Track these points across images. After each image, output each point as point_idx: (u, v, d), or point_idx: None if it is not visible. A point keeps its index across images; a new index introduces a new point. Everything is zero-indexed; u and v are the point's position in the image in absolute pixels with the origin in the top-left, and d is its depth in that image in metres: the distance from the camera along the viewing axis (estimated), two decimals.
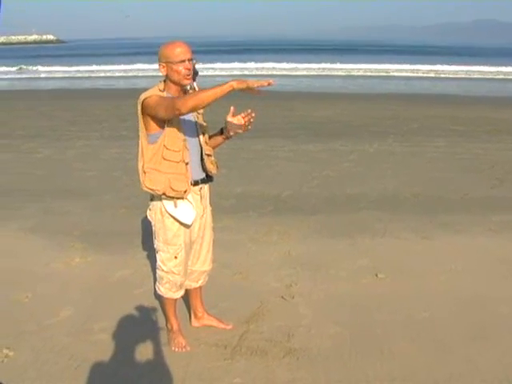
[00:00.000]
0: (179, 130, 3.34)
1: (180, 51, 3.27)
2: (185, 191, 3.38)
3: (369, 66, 40.12)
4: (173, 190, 3.34)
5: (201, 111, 3.51)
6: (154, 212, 3.50)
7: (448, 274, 4.89)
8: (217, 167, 3.65)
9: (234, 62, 42.48)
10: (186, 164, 3.38)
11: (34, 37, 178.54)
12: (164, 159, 3.33)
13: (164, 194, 3.36)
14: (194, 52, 3.39)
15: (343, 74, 37.01)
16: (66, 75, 35.58)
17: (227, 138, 3.69)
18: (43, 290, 4.62)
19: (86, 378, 3.39)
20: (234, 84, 2.97)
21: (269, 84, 2.99)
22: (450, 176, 8.66)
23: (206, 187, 3.62)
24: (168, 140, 3.31)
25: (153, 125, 3.31)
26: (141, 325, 4.06)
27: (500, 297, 4.44)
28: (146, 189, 3.42)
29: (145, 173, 3.39)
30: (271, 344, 3.75)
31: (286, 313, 4.19)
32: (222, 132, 3.68)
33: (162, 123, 3.30)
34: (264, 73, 34.82)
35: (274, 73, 36.32)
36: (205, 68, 34.29)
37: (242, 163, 9.65)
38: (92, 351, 3.67)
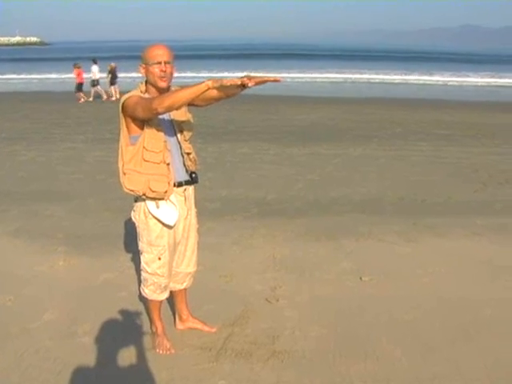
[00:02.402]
0: (158, 130, 3.33)
1: (157, 53, 3.29)
2: (165, 192, 3.37)
3: (353, 75, 39.77)
4: (152, 190, 3.33)
5: (183, 109, 3.49)
6: (138, 213, 3.49)
7: (431, 277, 4.92)
8: (195, 164, 3.63)
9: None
10: (167, 165, 3.37)
11: (18, 39, 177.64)
12: (144, 160, 3.32)
13: (144, 194, 3.36)
14: (177, 56, 3.39)
15: (328, 79, 37.20)
16: (49, 77, 35.43)
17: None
18: (26, 293, 4.58)
19: (69, 382, 3.36)
20: (210, 83, 2.99)
21: (242, 83, 3.02)
22: (433, 180, 8.73)
23: (190, 189, 3.61)
24: (148, 141, 3.30)
25: (133, 127, 3.31)
26: (125, 328, 4.03)
27: (483, 299, 4.48)
28: (126, 190, 3.41)
29: (124, 174, 3.39)
30: (256, 346, 3.75)
31: (271, 315, 4.19)
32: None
33: (142, 124, 3.30)
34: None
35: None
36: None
37: (227, 166, 9.66)
38: (76, 355, 3.64)
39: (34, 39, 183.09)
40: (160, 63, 3.27)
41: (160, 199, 3.38)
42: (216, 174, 8.90)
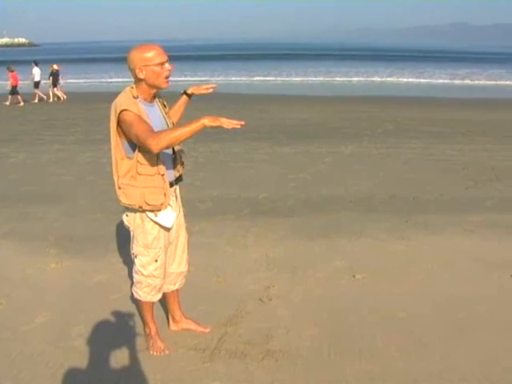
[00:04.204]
0: None
1: (158, 53, 3.20)
2: (161, 204, 3.33)
3: (344, 77, 39.45)
4: (148, 204, 3.29)
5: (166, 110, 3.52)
6: (133, 217, 3.43)
7: (424, 274, 4.93)
8: (183, 168, 3.61)
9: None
10: (162, 175, 3.32)
11: (6, 40, 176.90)
12: (139, 174, 3.26)
13: (140, 207, 3.31)
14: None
15: (319, 79, 37.20)
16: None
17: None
18: (18, 296, 4.54)
19: None
20: (206, 122, 2.96)
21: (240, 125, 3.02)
22: (425, 177, 8.75)
23: (177, 187, 3.61)
24: (141, 155, 3.22)
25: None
26: (118, 330, 4.01)
27: (476, 295, 4.50)
28: (122, 204, 3.37)
29: (120, 188, 3.33)
30: (250, 346, 3.74)
31: (265, 315, 4.19)
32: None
33: None
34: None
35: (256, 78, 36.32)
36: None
37: (218, 166, 9.64)
38: (69, 357, 3.61)
39: (22, 40, 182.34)
40: (164, 63, 3.21)
41: (157, 211, 3.36)
42: (207, 174, 8.88)
